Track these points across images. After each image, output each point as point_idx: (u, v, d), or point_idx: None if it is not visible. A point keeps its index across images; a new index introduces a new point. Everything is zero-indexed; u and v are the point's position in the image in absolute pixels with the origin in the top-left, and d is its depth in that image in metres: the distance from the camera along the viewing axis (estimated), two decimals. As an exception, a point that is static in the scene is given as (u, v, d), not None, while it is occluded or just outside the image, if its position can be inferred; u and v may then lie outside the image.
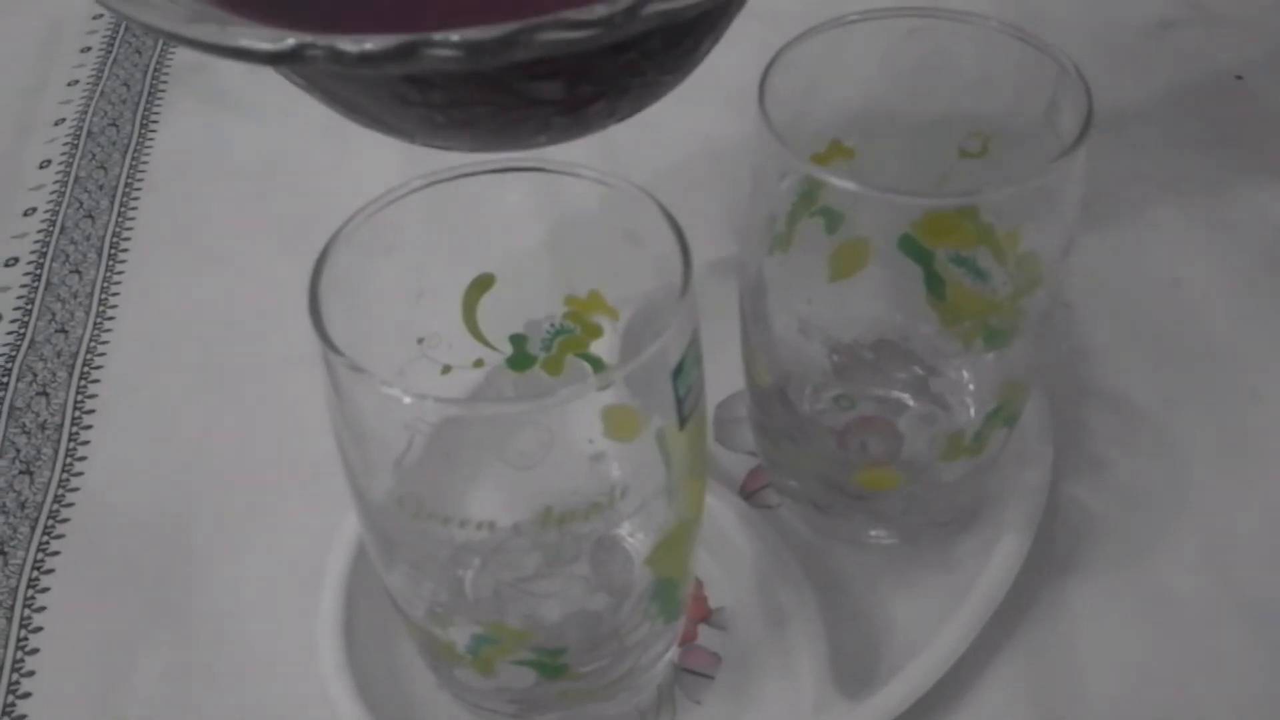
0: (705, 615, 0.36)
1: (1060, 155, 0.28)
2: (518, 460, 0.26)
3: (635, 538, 0.28)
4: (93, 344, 0.45)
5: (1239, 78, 0.54)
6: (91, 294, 0.47)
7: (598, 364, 0.31)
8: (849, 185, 0.29)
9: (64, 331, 0.46)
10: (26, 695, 0.35)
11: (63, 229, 0.50)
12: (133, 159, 0.54)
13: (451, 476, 0.26)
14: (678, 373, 0.25)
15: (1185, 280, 0.45)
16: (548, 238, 0.28)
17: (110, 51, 0.60)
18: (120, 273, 0.48)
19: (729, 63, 0.34)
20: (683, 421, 0.26)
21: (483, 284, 0.31)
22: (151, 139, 0.55)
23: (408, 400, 0.23)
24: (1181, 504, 0.38)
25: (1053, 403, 0.39)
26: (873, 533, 0.37)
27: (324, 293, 0.25)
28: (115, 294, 0.48)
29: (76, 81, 0.58)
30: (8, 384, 0.44)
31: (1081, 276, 0.44)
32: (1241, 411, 0.41)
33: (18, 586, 0.37)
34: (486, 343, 0.32)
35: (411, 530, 0.26)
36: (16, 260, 0.49)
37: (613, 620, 0.30)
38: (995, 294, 0.31)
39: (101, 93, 0.58)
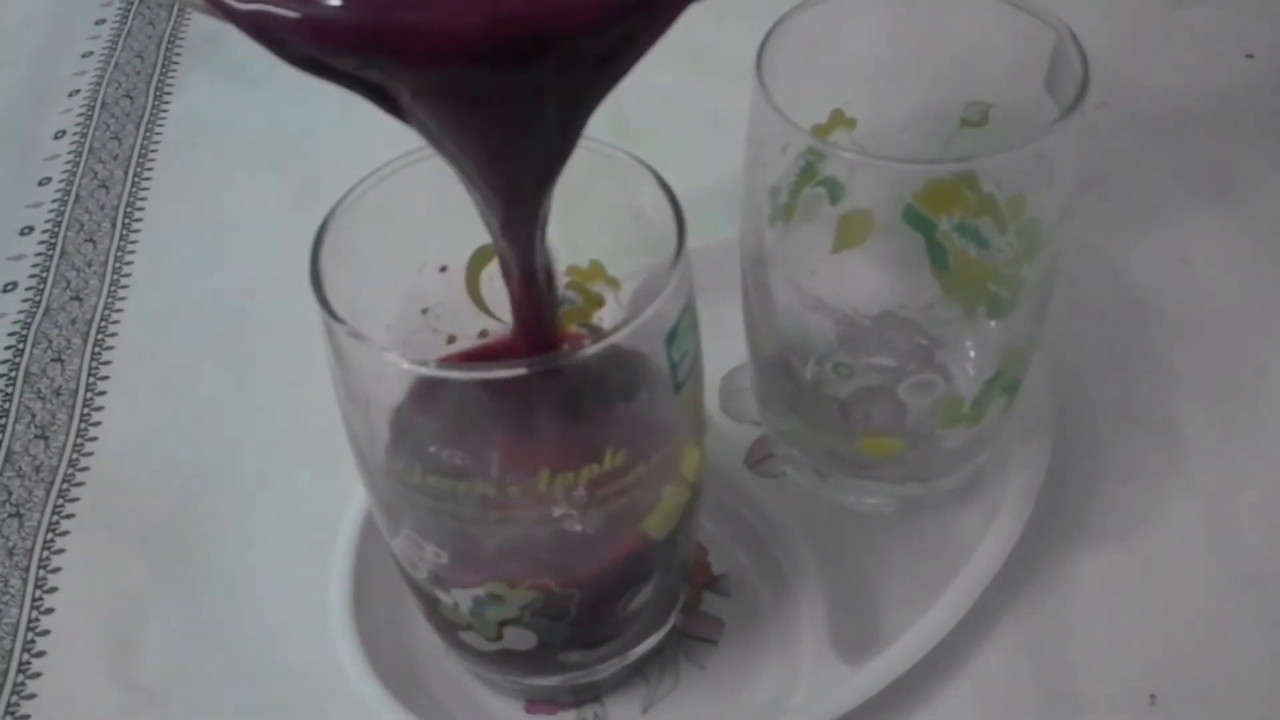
0: (709, 581, 0.36)
1: (1056, 120, 0.29)
2: (517, 425, 0.26)
3: (635, 503, 0.29)
4: (107, 311, 0.46)
5: (1249, 56, 0.53)
6: (106, 262, 0.48)
7: (600, 333, 0.31)
8: (849, 154, 0.30)
9: (79, 299, 0.46)
10: (41, 654, 0.36)
11: (77, 199, 0.51)
12: (147, 130, 0.54)
13: (452, 442, 0.27)
14: (672, 338, 0.25)
15: (1193, 258, 0.45)
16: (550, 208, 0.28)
17: (124, 23, 0.61)
18: (134, 242, 0.49)
19: (736, 33, 0.34)
20: (678, 387, 0.26)
21: (486, 255, 0.31)
22: (165, 110, 0.56)
23: (407, 366, 0.24)
24: (1183, 478, 0.38)
25: (1057, 376, 0.39)
26: (874, 501, 0.37)
27: (326, 262, 0.25)
28: (129, 263, 0.48)
29: (91, 53, 0.59)
30: (23, 350, 0.44)
31: (1089, 253, 0.44)
32: (1247, 388, 0.41)
33: (33, 548, 0.38)
34: (490, 313, 0.32)
35: (413, 494, 0.26)
36: (32, 229, 0.50)
37: (615, 585, 0.30)
38: (995, 261, 0.31)
39: (116, 64, 0.58)
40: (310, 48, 0.21)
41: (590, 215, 0.30)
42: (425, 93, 0.22)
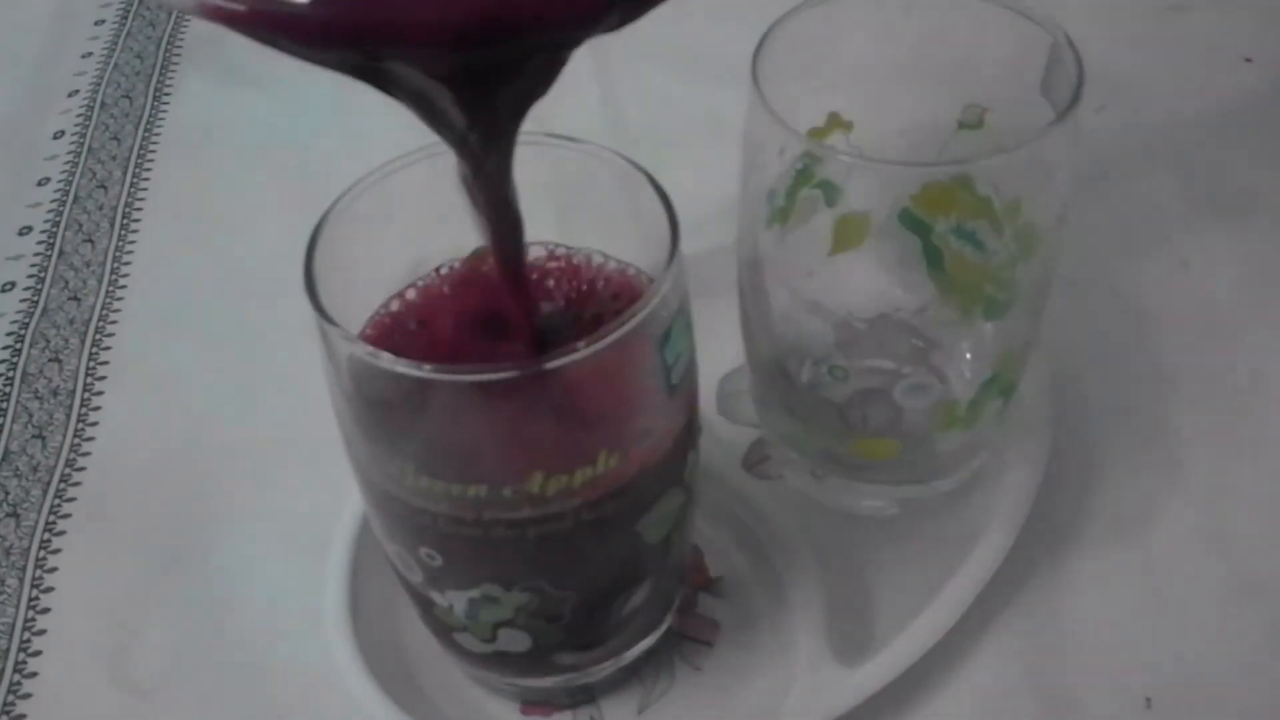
0: (705, 583, 0.36)
1: (1052, 123, 0.29)
2: (510, 427, 0.26)
3: (629, 505, 0.29)
4: (105, 312, 0.46)
5: (1248, 60, 0.53)
6: (104, 263, 0.48)
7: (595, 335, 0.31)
8: (845, 157, 0.30)
9: (76, 299, 0.46)
10: (38, 654, 0.36)
11: (76, 198, 0.51)
12: (145, 130, 0.54)
13: (445, 443, 0.27)
14: (665, 341, 0.25)
15: (1191, 262, 0.45)
16: (544, 209, 0.28)
17: (124, 24, 0.61)
18: (132, 242, 0.49)
19: (736, 35, 0.34)
20: (672, 389, 0.26)
21: (482, 256, 0.31)
22: (164, 111, 0.56)
23: (400, 368, 0.24)
24: (1180, 481, 0.38)
25: (1054, 379, 0.39)
26: (871, 503, 0.37)
27: (320, 264, 0.25)
28: (127, 263, 0.48)
29: (90, 54, 0.59)
30: (21, 350, 0.45)
31: (1087, 256, 0.44)
32: (1244, 392, 0.41)
33: (30, 548, 0.38)
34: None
35: (407, 496, 0.26)
36: (30, 229, 0.50)
37: (610, 587, 0.30)
38: (991, 263, 0.31)
39: (115, 65, 0.58)
40: (303, 48, 0.21)
41: (585, 218, 0.30)
42: (413, 72, 0.22)
